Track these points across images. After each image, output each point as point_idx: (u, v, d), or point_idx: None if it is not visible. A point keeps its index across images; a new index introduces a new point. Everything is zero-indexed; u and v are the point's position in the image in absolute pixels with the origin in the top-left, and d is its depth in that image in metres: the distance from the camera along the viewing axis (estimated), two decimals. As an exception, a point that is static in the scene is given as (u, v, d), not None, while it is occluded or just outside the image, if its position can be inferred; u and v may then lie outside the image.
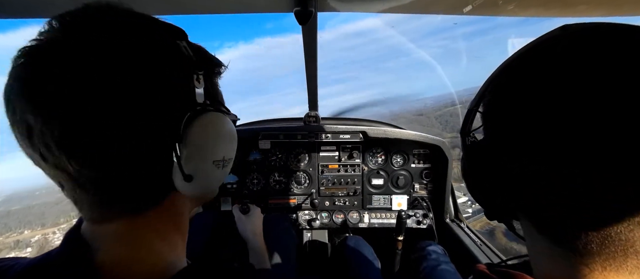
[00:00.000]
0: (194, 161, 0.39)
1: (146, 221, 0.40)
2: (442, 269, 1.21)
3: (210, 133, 0.40)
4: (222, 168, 0.43)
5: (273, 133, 1.51)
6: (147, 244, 0.40)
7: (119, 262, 0.37)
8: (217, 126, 0.41)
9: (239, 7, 0.88)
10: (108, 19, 0.35)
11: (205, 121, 0.39)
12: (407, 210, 1.61)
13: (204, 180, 0.40)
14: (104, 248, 0.38)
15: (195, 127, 0.38)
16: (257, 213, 1.15)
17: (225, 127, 0.43)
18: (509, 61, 0.35)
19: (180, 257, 0.44)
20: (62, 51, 0.32)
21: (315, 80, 1.37)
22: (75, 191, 0.36)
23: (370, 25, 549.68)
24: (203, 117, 0.39)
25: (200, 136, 0.38)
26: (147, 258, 0.39)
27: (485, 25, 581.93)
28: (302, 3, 0.78)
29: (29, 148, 0.34)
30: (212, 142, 0.40)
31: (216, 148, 0.41)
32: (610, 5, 0.79)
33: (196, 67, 0.39)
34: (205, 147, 0.40)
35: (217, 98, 0.46)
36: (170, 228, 0.43)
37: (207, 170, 0.40)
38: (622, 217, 0.27)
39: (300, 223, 1.63)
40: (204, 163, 0.40)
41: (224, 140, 0.43)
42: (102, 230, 0.38)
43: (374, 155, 1.61)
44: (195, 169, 0.39)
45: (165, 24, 0.39)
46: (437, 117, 21.90)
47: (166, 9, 0.84)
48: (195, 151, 0.38)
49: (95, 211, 0.38)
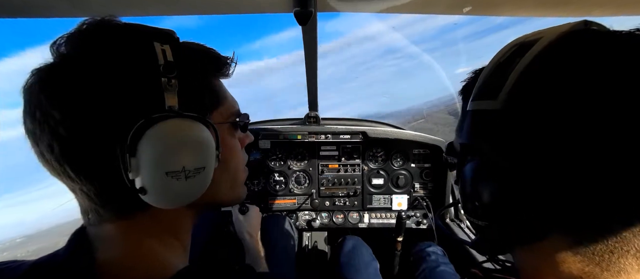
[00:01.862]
0: (144, 173, 0.36)
1: (137, 224, 0.41)
2: (441, 270, 1.21)
3: (164, 143, 0.36)
4: (186, 179, 0.38)
5: (273, 133, 1.51)
6: (144, 245, 0.41)
7: (116, 262, 0.39)
8: (175, 134, 0.37)
9: (239, 7, 0.88)
10: (91, 34, 0.37)
11: (160, 129, 0.36)
12: (407, 210, 1.61)
13: (160, 193, 0.37)
14: (106, 248, 0.39)
15: (146, 136, 0.35)
16: (254, 213, 1.15)
17: (187, 134, 0.38)
18: (536, 60, 0.31)
19: (180, 257, 0.45)
20: (48, 76, 0.36)
21: (315, 80, 1.37)
22: (76, 194, 0.40)
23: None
24: (159, 125, 0.36)
25: (151, 146, 0.36)
26: (144, 259, 0.40)
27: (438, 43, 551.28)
28: (302, 3, 0.78)
29: (47, 165, 0.38)
30: (164, 152, 0.36)
31: (171, 159, 0.37)
32: (609, 4, 0.78)
33: (167, 70, 0.36)
34: (156, 158, 0.36)
35: (203, 100, 0.43)
36: (163, 230, 0.43)
37: (161, 183, 0.37)
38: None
39: (300, 223, 1.63)
40: (155, 175, 0.36)
41: (184, 149, 0.38)
42: (99, 231, 0.40)
43: (374, 155, 1.61)
44: (147, 181, 0.36)
45: (151, 29, 0.38)
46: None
47: (166, 10, 0.84)
48: (145, 163, 0.36)
49: (92, 215, 0.40)
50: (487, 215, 0.35)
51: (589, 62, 0.28)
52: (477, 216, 0.36)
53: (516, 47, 0.34)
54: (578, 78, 0.27)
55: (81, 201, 0.40)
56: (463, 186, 0.37)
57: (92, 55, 0.36)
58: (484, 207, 0.34)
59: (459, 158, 0.38)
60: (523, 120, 0.30)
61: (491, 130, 0.33)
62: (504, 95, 0.31)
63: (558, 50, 0.30)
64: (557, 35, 0.30)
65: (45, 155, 0.36)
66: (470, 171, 0.36)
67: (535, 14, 0.88)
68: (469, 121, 0.36)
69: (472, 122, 0.36)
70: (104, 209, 0.39)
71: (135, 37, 0.37)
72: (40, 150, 0.37)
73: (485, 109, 0.34)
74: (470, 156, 0.36)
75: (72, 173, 0.36)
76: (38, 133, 0.36)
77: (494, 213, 0.34)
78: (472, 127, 0.36)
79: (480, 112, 0.35)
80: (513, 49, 0.34)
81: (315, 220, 1.61)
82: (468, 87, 0.41)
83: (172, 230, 0.44)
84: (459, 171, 0.38)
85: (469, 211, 0.37)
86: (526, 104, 0.30)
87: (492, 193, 0.33)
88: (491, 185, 0.33)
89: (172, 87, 0.37)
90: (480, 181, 0.34)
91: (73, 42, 0.37)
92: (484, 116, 0.34)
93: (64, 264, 0.38)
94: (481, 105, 0.34)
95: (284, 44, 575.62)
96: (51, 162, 0.36)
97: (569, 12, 0.86)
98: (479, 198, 0.34)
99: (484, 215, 0.35)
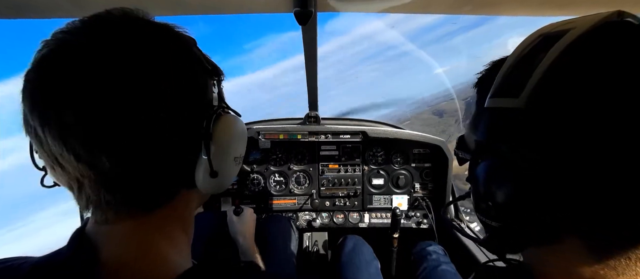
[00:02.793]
0: (219, 158, 0.42)
1: (155, 221, 0.41)
2: (442, 269, 1.21)
3: (232, 132, 0.44)
4: (237, 164, 0.48)
5: (273, 133, 1.51)
6: (153, 244, 0.40)
7: (123, 262, 0.38)
8: (236, 126, 0.45)
9: (239, 8, 0.88)
10: (134, 25, 0.37)
11: (227, 121, 0.43)
12: (408, 210, 1.61)
13: (226, 176, 0.44)
14: (109, 248, 0.38)
15: (220, 126, 0.42)
16: (248, 214, 1.16)
17: (241, 127, 0.47)
18: (563, 57, 0.28)
19: (185, 257, 0.45)
20: (95, 53, 0.34)
21: (315, 80, 1.38)
22: (99, 191, 0.36)
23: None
24: (224, 118, 0.43)
25: (224, 135, 0.42)
26: (152, 258, 0.40)
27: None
28: (302, 3, 0.78)
29: (59, 147, 0.34)
30: (233, 140, 0.45)
31: (236, 146, 0.46)
32: (608, 4, 0.79)
33: (214, 73, 0.44)
34: (229, 145, 0.44)
35: (224, 99, 0.49)
36: (176, 227, 0.44)
37: (228, 167, 0.44)
38: None
39: (301, 223, 1.63)
40: (227, 160, 0.44)
41: (241, 139, 0.48)
42: (110, 230, 0.39)
43: (374, 155, 1.61)
44: (220, 165, 0.42)
45: (178, 31, 0.41)
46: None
47: (166, 10, 0.84)
48: (220, 149, 0.42)
49: (110, 211, 0.38)
50: (501, 216, 0.33)
51: (625, 58, 0.26)
52: (491, 217, 0.34)
53: (541, 38, 0.32)
54: (613, 76, 0.25)
55: (100, 196, 0.37)
56: (476, 185, 0.36)
57: (167, 54, 0.38)
58: (498, 208, 0.33)
59: (472, 156, 0.37)
60: (548, 122, 0.28)
61: (511, 131, 0.31)
62: (527, 93, 0.29)
63: (590, 44, 0.27)
64: (589, 27, 0.28)
65: (67, 144, 0.33)
66: (485, 170, 0.34)
67: (535, 13, 0.88)
68: (486, 119, 0.34)
69: (490, 121, 0.34)
70: (132, 202, 0.38)
71: (178, 39, 0.41)
72: (59, 137, 0.33)
73: (505, 107, 0.31)
74: (486, 155, 0.34)
75: (109, 162, 0.34)
76: (62, 120, 0.32)
77: (510, 215, 0.32)
78: (490, 125, 0.34)
79: (499, 110, 0.32)
80: (537, 41, 0.32)
81: (316, 220, 1.61)
82: (484, 79, 0.39)
83: (185, 222, 0.46)
84: (472, 169, 0.36)
85: (481, 211, 0.35)
86: (552, 104, 0.28)
87: (509, 195, 0.31)
88: (508, 185, 0.31)
89: (215, 87, 0.45)
90: (496, 182, 0.33)
91: (118, 29, 0.36)
92: (504, 115, 0.32)
93: (66, 264, 0.37)
94: (501, 103, 0.32)
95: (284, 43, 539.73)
96: (74, 152, 0.33)
97: (570, 13, 0.86)
98: (493, 198, 0.33)
99: (499, 215, 0.33)
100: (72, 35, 0.34)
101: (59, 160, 0.35)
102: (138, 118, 0.34)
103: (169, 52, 0.38)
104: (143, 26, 0.38)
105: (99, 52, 0.34)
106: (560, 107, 0.27)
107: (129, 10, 0.38)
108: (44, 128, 0.33)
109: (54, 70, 0.33)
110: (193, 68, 0.40)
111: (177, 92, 0.37)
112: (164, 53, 0.37)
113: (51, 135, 0.33)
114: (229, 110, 0.47)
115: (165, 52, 0.38)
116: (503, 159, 0.32)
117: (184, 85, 0.38)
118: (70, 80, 0.32)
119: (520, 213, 0.31)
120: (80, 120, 0.32)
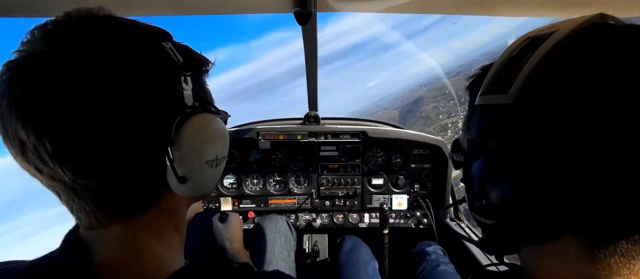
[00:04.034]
0: (187, 163, 0.39)
1: (144, 223, 0.40)
2: (441, 269, 1.21)
3: (202, 135, 0.40)
4: (216, 166, 0.44)
5: (273, 133, 1.51)
6: (144, 245, 0.40)
7: (116, 263, 0.38)
8: (208, 127, 0.41)
9: (239, 8, 0.88)
10: (90, 26, 0.35)
11: (196, 123, 0.39)
12: (407, 210, 1.61)
13: (198, 180, 0.41)
14: (101, 250, 0.38)
15: (186, 129, 0.38)
16: (234, 220, 1.16)
17: (216, 127, 0.43)
18: (553, 53, 0.29)
19: (178, 257, 0.45)
20: (47, 63, 0.32)
21: (315, 80, 1.38)
22: (73, 200, 0.37)
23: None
24: (193, 119, 0.39)
25: (192, 138, 0.39)
26: (144, 259, 0.40)
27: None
28: (302, 3, 0.78)
29: (24, 163, 0.35)
30: (204, 143, 0.41)
31: (208, 149, 0.42)
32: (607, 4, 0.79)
33: (183, 68, 0.39)
34: (198, 149, 0.40)
35: (205, 97, 0.46)
36: (167, 227, 0.43)
37: (200, 171, 0.41)
38: None
39: (301, 223, 1.63)
40: (197, 164, 0.41)
41: (216, 140, 0.43)
42: (100, 233, 0.39)
43: (374, 155, 1.61)
44: (189, 170, 0.39)
45: (149, 26, 0.39)
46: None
47: (166, 10, 0.84)
48: (188, 153, 0.39)
49: (92, 218, 0.38)
50: (495, 214, 0.33)
51: (605, 56, 0.27)
52: (485, 215, 0.34)
53: (528, 41, 0.33)
54: (593, 74, 0.26)
55: (82, 204, 0.37)
56: (470, 184, 0.36)
57: (120, 56, 0.35)
58: (492, 205, 0.33)
59: (465, 155, 0.37)
60: (535, 116, 0.29)
61: (501, 126, 0.32)
62: (515, 89, 0.30)
63: (573, 44, 0.29)
64: (573, 28, 0.29)
65: (43, 155, 0.33)
66: (478, 168, 0.34)
67: (534, 14, 0.89)
68: (477, 116, 0.35)
69: (481, 117, 0.35)
70: (113, 210, 0.38)
71: (141, 35, 0.38)
72: (37, 149, 0.33)
73: (494, 104, 0.32)
74: (479, 152, 0.35)
75: (84, 172, 0.34)
76: (36, 131, 0.32)
77: (503, 212, 0.32)
78: (481, 122, 0.35)
79: (489, 106, 0.33)
80: (524, 43, 0.33)
81: (316, 220, 1.61)
82: (475, 83, 0.40)
83: (177, 222, 0.45)
84: (466, 168, 0.37)
85: (476, 210, 0.36)
86: (538, 99, 0.29)
87: (501, 191, 0.32)
88: (501, 182, 0.32)
89: (187, 84, 0.40)
90: (489, 179, 0.33)
91: (71, 33, 0.34)
92: (494, 111, 0.32)
93: (59, 266, 0.37)
94: (490, 100, 0.33)
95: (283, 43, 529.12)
96: (54, 162, 0.33)
97: (566, 14, 0.87)
98: (487, 196, 0.33)
99: (493, 213, 0.33)
100: (28, 46, 0.33)
101: (29, 171, 0.36)
102: (101, 129, 0.33)
103: (130, 51, 0.36)
104: (101, 27, 0.36)
105: (54, 65, 0.32)
106: (547, 102, 0.28)
107: (89, 10, 0.36)
108: (5, 142, 0.34)
109: (11, 88, 0.33)
110: (158, 64, 0.37)
111: (139, 92, 0.35)
112: (124, 53, 0.35)
113: (14, 150, 0.34)
114: (207, 108, 0.44)
115: (126, 51, 0.35)
116: (494, 155, 0.32)
117: (146, 86, 0.36)
118: (26, 101, 0.32)
119: (514, 209, 0.31)
120: (34, 138, 0.32)
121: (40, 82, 0.32)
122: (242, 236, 1.14)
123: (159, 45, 0.38)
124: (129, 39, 0.36)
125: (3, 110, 0.33)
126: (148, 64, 0.36)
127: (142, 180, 0.38)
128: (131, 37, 0.37)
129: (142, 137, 0.36)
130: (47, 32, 0.34)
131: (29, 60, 0.33)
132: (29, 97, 0.32)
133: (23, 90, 0.32)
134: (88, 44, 0.34)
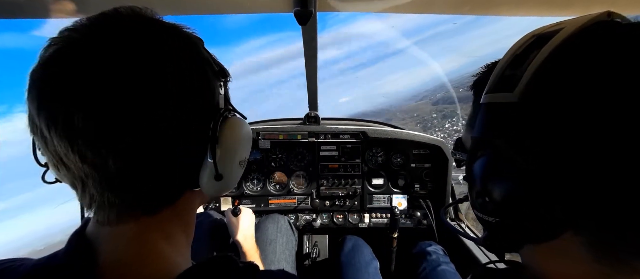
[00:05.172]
0: (225, 162, 0.41)
1: (157, 223, 0.40)
2: (442, 269, 1.21)
3: (239, 136, 0.44)
4: (242, 167, 0.47)
5: (273, 133, 1.51)
6: (154, 245, 0.40)
7: (123, 263, 0.38)
8: (242, 129, 0.45)
9: (239, 7, 0.88)
10: (142, 23, 0.37)
11: (234, 124, 0.43)
12: (407, 210, 1.61)
13: (229, 179, 0.44)
14: (109, 249, 0.38)
15: (226, 129, 0.41)
16: (247, 214, 1.17)
17: (247, 130, 0.47)
18: (559, 52, 0.29)
19: (185, 257, 0.45)
20: (104, 51, 0.33)
21: (315, 80, 1.38)
22: (103, 191, 0.36)
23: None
24: (231, 120, 0.43)
25: (230, 138, 0.42)
26: (152, 259, 0.39)
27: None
28: (302, 3, 0.78)
29: (65, 147, 0.33)
30: (239, 143, 0.44)
31: (242, 149, 0.45)
32: (608, 4, 0.79)
33: (220, 74, 0.43)
34: (235, 148, 0.43)
35: (229, 101, 0.48)
36: (176, 228, 0.44)
37: (233, 170, 0.44)
38: None
39: (301, 223, 1.63)
40: (233, 163, 0.43)
41: (247, 142, 0.47)
42: (111, 231, 0.39)
43: (374, 155, 1.61)
44: (226, 168, 0.42)
45: (186, 31, 0.41)
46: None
47: (167, 10, 0.84)
48: (227, 152, 0.41)
49: (112, 212, 0.37)
50: (498, 211, 0.33)
51: (614, 54, 0.27)
52: (488, 212, 0.34)
53: (534, 38, 0.33)
54: (601, 71, 0.26)
55: (104, 196, 0.36)
56: (473, 182, 0.36)
57: (161, 46, 0.36)
58: (495, 203, 0.33)
59: (469, 153, 0.37)
60: (542, 114, 0.29)
61: (506, 124, 0.31)
62: (521, 87, 0.30)
63: (581, 41, 0.29)
64: (580, 26, 0.29)
65: (73, 145, 0.32)
66: (482, 165, 0.34)
67: (535, 13, 0.89)
68: (481, 114, 0.35)
69: (486, 115, 0.34)
70: (138, 205, 0.38)
71: (187, 37, 0.40)
72: (66, 138, 0.32)
73: (500, 102, 0.32)
74: (482, 150, 0.35)
75: (115, 165, 0.34)
76: (70, 121, 0.32)
77: (506, 209, 0.32)
78: (486, 120, 0.34)
79: (494, 104, 0.33)
80: (530, 41, 0.33)
81: (316, 220, 1.61)
82: (480, 81, 0.40)
83: (186, 222, 0.46)
84: (469, 165, 0.37)
85: (478, 207, 0.35)
86: (546, 97, 0.28)
87: (506, 189, 0.31)
88: (505, 180, 0.32)
89: (221, 89, 0.44)
90: (493, 176, 0.33)
91: (124, 28, 0.35)
92: (499, 109, 0.32)
93: (63, 266, 0.37)
94: (496, 98, 0.33)
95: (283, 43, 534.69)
96: (80, 153, 0.33)
97: (568, 13, 0.87)
98: (490, 193, 0.33)
99: (496, 210, 0.33)
100: (79, 33, 0.34)
101: (64, 159, 0.34)
102: (146, 119, 0.34)
103: (178, 52, 0.37)
104: (152, 25, 0.37)
105: (108, 51, 0.33)
106: (554, 100, 0.28)
107: (138, 9, 0.38)
108: (51, 128, 0.33)
109: (61, 69, 0.32)
110: (201, 69, 0.40)
111: (184, 92, 0.37)
112: (172, 53, 0.36)
113: (57, 136, 0.33)
114: (235, 112, 0.47)
115: (174, 51, 0.37)
116: (498, 153, 0.32)
117: (192, 86, 0.38)
118: (79, 80, 0.32)
119: (516, 206, 0.31)
120: (89, 122, 0.32)
121: (98, 70, 0.32)
122: (254, 231, 1.16)
123: (199, 51, 0.41)
124: (176, 41, 0.38)
125: (54, 89, 0.32)
126: (194, 67, 0.39)
127: (174, 175, 0.39)
128: (178, 36, 0.39)
129: (185, 132, 0.37)
130: (100, 23, 0.35)
131: (82, 43, 0.33)
132: (88, 80, 0.32)
133: (76, 73, 0.32)
134: (145, 39, 0.35)
